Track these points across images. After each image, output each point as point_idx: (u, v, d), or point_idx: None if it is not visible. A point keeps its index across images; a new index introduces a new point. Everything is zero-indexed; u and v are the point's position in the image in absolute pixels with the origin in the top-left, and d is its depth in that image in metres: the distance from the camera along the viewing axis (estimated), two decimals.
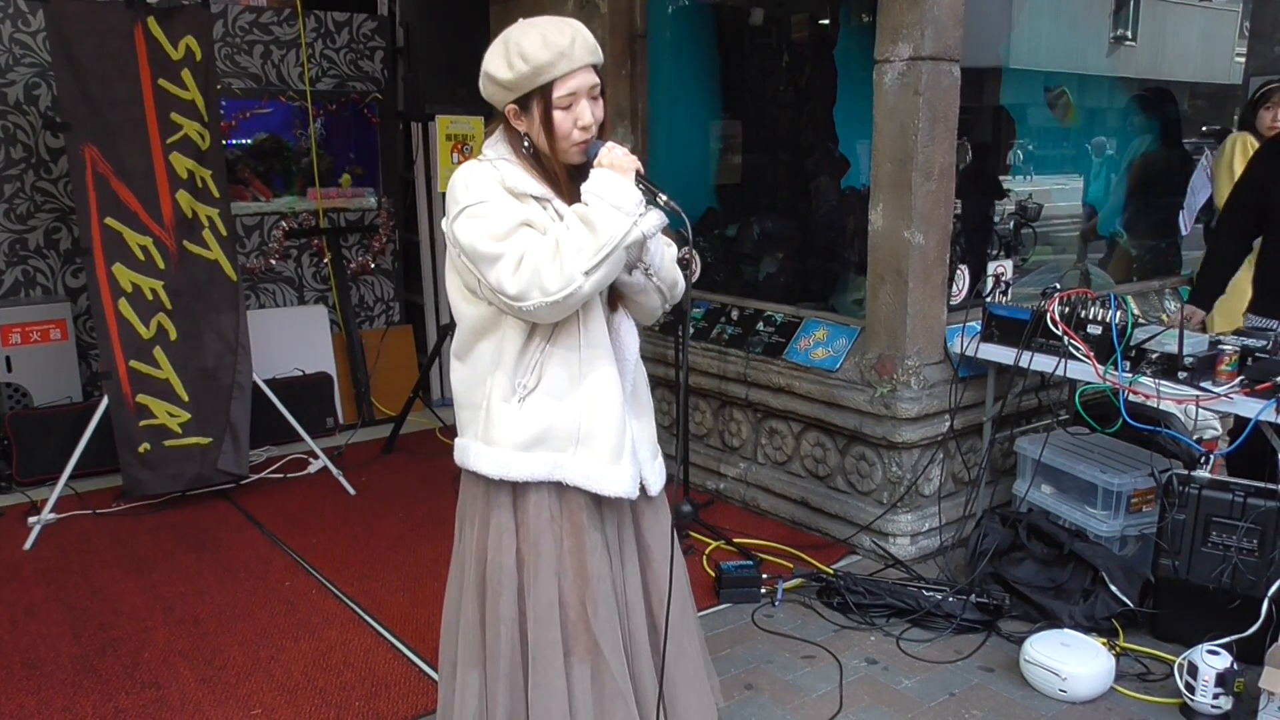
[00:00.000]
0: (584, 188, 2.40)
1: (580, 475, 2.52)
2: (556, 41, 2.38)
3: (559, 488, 2.54)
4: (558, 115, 2.42)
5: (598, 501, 2.59)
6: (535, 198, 2.46)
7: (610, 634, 2.60)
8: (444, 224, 2.53)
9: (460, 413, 2.62)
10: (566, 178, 2.52)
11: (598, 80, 2.47)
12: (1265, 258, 4.65)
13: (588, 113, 2.45)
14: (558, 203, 2.48)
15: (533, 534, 2.54)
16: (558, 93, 2.40)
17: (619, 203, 2.35)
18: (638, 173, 2.44)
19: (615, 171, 2.40)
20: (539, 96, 2.41)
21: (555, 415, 2.50)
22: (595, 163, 2.44)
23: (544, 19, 2.44)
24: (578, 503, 2.55)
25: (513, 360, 2.48)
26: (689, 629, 2.86)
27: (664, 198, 2.45)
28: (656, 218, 2.43)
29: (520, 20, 2.45)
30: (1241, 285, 4.79)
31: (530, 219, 2.42)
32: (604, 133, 2.53)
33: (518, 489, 2.55)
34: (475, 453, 2.54)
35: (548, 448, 2.50)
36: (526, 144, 2.50)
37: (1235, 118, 6.69)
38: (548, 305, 2.33)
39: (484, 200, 2.40)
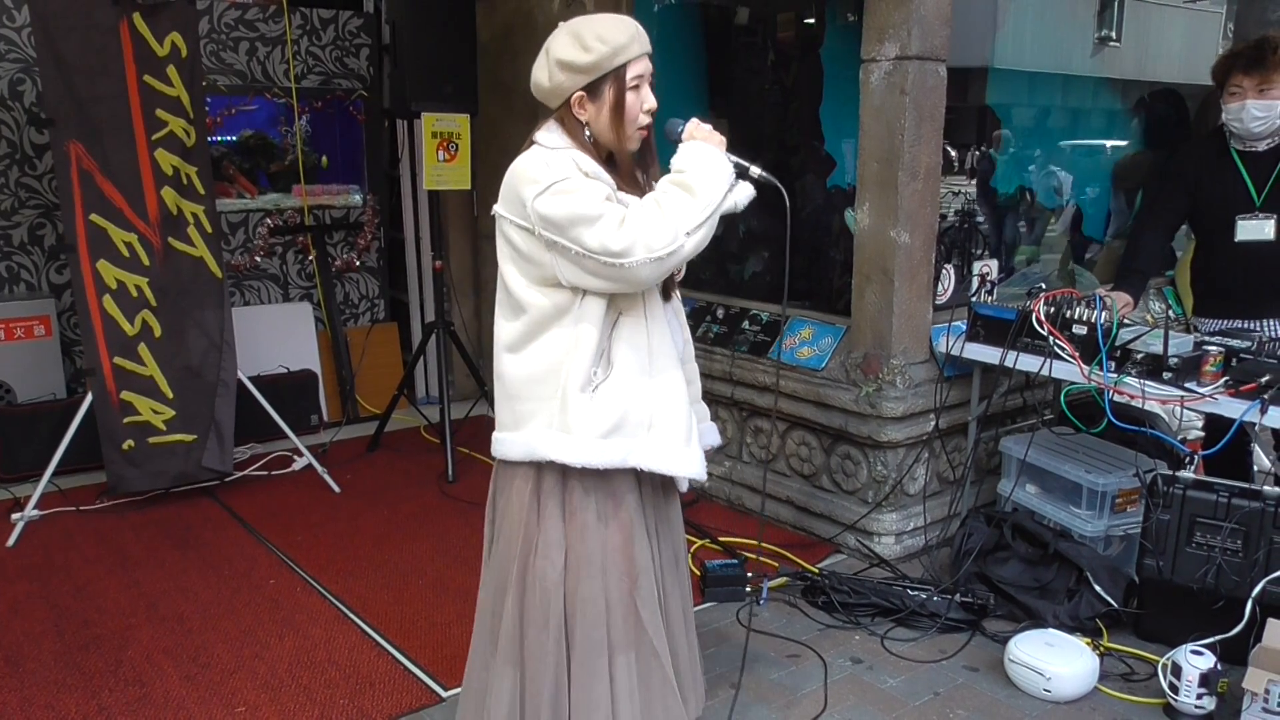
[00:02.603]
0: (675, 160, 2.50)
1: (654, 460, 2.57)
2: (627, 26, 2.50)
3: (608, 483, 2.59)
4: (629, 97, 2.51)
5: (639, 493, 2.65)
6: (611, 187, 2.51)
7: (653, 623, 2.65)
8: (499, 209, 2.55)
9: (518, 405, 2.60)
10: (628, 168, 2.60)
11: (652, 68, 2.58)
12: (1201, 260, 4.67)
13: (651, 96, 2.56)
14: (623, 195, 2.53)
15: (578, 530, 2.58)
16: (630, 73, 2.50)
17: (713, 169, 2.44)
18: (725, 148, 2.53)
19: (706, 143, 2.50)
20: (613, 78, 2.50)
21: (629, 402, 2.54)
22: (685, 136, 2.54)
23: (597, 14, 2.57)
24: (625, 496, 2.61)
25: (590, 349, 2.50)
26: (692, 618, 2.98)
27: (756, 170, 2.56)
28: (748, 190, 2.54)
29: (569, 21, 2.54)
30: None
31: (612, 197, 2.47)
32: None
33: (566, 484, 2.59)
34: (550, 441, 2.53)
35: (622, 434, 2.54)
36: (588, 134, 2.55)
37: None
38: (650, 261, 2.37)
39: (569, 177, 2.42)
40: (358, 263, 7.39)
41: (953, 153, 4.75)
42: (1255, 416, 3.57)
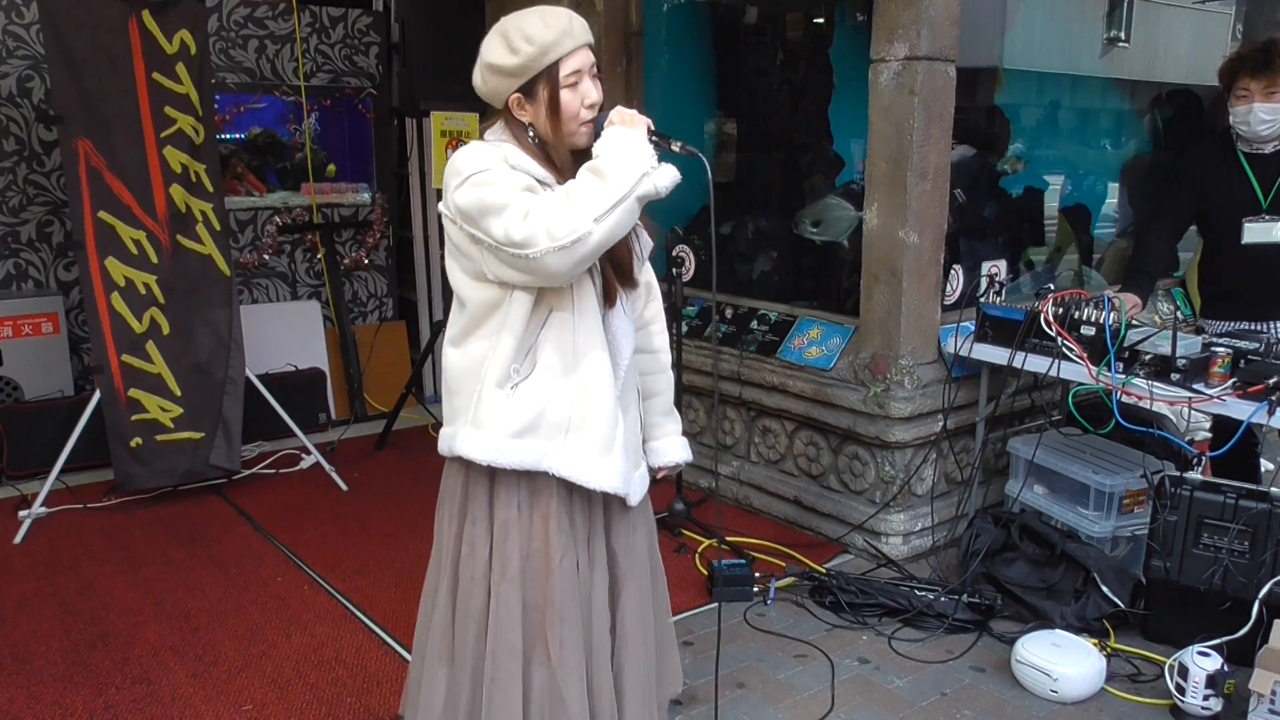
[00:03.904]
0: (595, 146, 2.39)
1: (568, 467, 2.48)
2: (557, 21, 2.39)
3: (532, 485, 2.52)
4: (565, 95, 2.42)
5: (570, 502, 2.57)
6: (537, 180, 2.44)
7: (570, 637, 2.56)
8: (441, 206, 2.50)
9: (454, 400, 2.56)
10: (572, 165, 2.49)
11: (594, 60, 2.49)
12: (1208, 262, 4.66)
13: (593, 90, 2.47)
14: (558, 188, 2.44)
15: (501, 530, 2.52)
16: (564, 71, 2.41)
17: (629, 153, 2.33)
18: (649, 129, 2.42)
19: (626, 127, 2.39)
20: (545, 78, 2.41)
21: (547, 402, 2.47)
22: (606, 123, 2.43)
23: (535, 7, 2.43)
24: (549, 502, 2.52)
25: (512, 345, 2.44)
26: (647, 642, 2.81)
27: (677, 144, 2.46)
28: (671, 173, 2.39)
29: (502, 20, 2.45)
30: None
31: (531, 187, 2.40)
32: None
33: (494, 483, 2.53)
34: (463, 436, 2.49)
35: (537, 436, 2.47)
36: (532, 135, 2.48)
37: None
38: (555, 250, 2.27)
39: (489, 169, 2.37)
40: (366, 261, 7.39)
41: None
42: (1263, 418, 3.57)
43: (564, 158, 2.50)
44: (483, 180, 2.35)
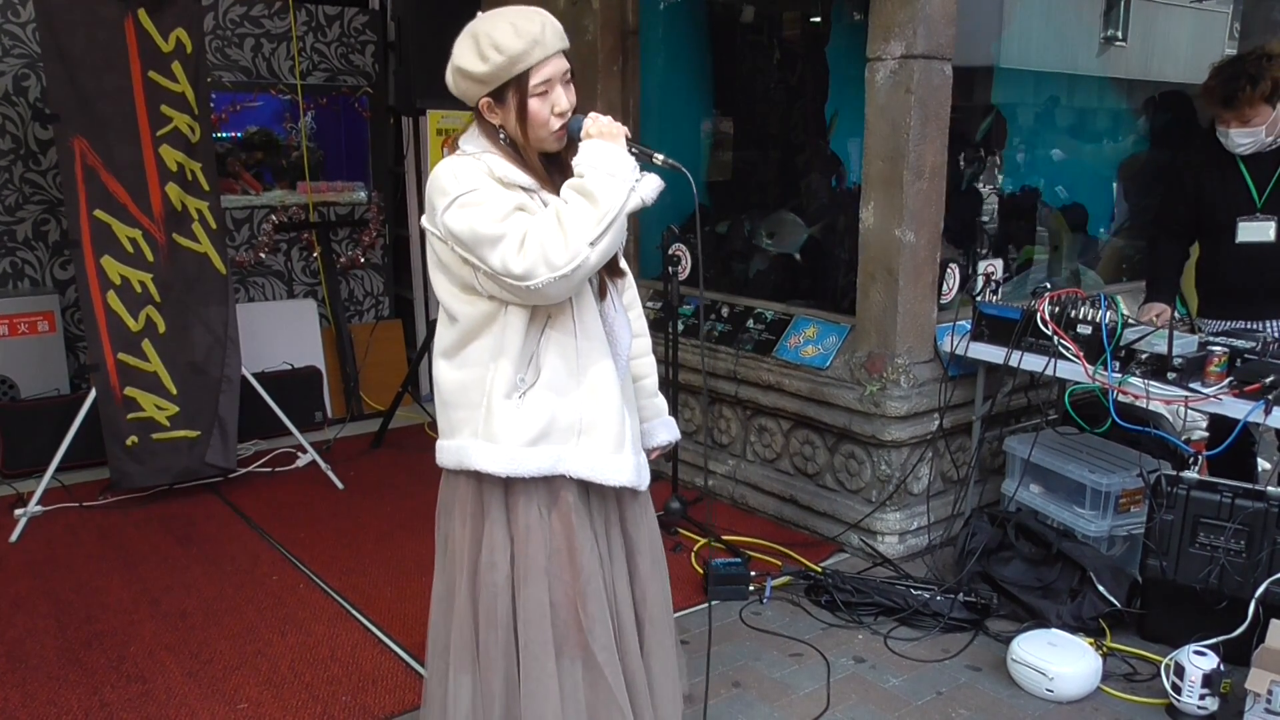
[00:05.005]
0: (575, 161, 2.38)
1: (584, 467, 2.50)
2: (528, 29, 2.35)
3: (549, 486, 2.52)
4: (534, 104, 2.40)
5: (586, 498, 2.58)
6: (523, 188, 2.43)
7: (601, 630, 2.58)
8: (424, 221, 2.49)
9: (452, 413, 2.55)
10: (543, 168, 2.50)
11: (568, 66, 2.46)
12: (1205, 262, 4.66)
13: (564, 99, 2.44)
14: (544, 194, 2.45)
15: (523, 533, 2.52)
16: (533, 80, 2.38)
17: (614, 170, 2.33)
18: (627, 138, 2.42)
19: (605, 140, 2.38)
20: (514, 87, 2.38)
21: (557, 408, 2.47)
22: (583, 134, 2.41)
23: (511, 8, 2.40)
24: (568, 500, 2.53)
25: (514, 355, 2.44)
26: (669, 626, 2.86)
27: (660, 157, 2.45)
28: (655, 182, 2.41)
29: (476, 20, 2.41)
30: None
31: (523, 204, 2.39)
32: None
33: (509, 488, 2.52)
34: (476, 451, 2.48)
35: (551, 441, 2.48)
36: (503, 136, 2.46)
37: None
38: (555, 280, 2.29)
39: (475, 188, 2.35)
40: (362, 259, 7.39)
41: None
42: (1259, 417, 3.57)
43: (533, 160, 2.48)
44: (471, 202, 2.34)
